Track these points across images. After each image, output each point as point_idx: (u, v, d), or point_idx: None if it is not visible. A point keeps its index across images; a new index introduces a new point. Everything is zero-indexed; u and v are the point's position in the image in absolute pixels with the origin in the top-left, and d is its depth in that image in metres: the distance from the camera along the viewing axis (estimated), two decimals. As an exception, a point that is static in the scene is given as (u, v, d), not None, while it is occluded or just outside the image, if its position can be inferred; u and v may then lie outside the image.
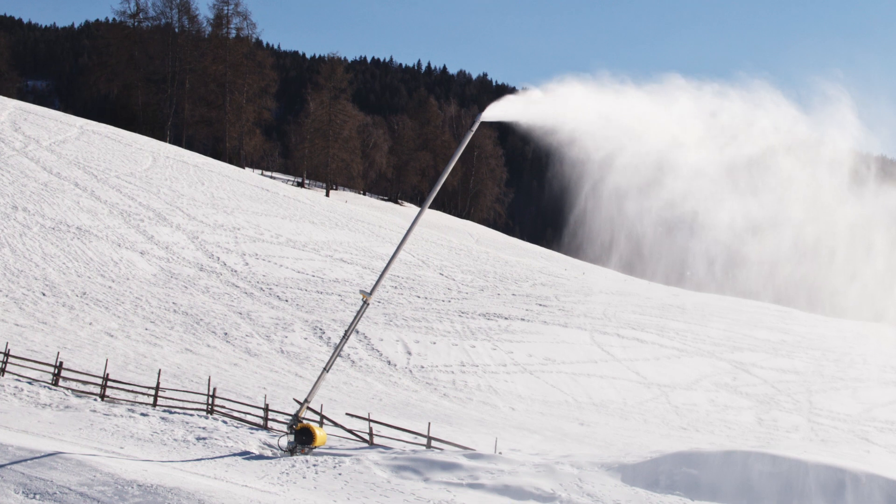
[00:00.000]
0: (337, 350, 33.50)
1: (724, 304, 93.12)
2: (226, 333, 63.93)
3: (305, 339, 65.35)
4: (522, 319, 74.76)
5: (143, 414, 38.44)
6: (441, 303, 77.94)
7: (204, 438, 36.14)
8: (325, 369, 34.20)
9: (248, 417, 39.43)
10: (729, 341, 77.14)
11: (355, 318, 31.67)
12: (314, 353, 62.65)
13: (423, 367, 63.25)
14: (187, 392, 41.12)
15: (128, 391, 41.17)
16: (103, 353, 54.27)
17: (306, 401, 33.98)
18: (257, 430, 38.03)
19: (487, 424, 51.89)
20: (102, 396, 40.73)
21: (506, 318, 74.56)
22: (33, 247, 74.98)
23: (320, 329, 66.88)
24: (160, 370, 42.42)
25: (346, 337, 32.55)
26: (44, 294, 66.38)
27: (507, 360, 66.23)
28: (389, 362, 63.20)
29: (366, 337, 66.53)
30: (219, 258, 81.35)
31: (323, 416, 37.81)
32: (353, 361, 62.27)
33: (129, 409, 38.84)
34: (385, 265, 23.40)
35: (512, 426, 52.41)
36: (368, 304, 32.08)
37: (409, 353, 64.99)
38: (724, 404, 65.19)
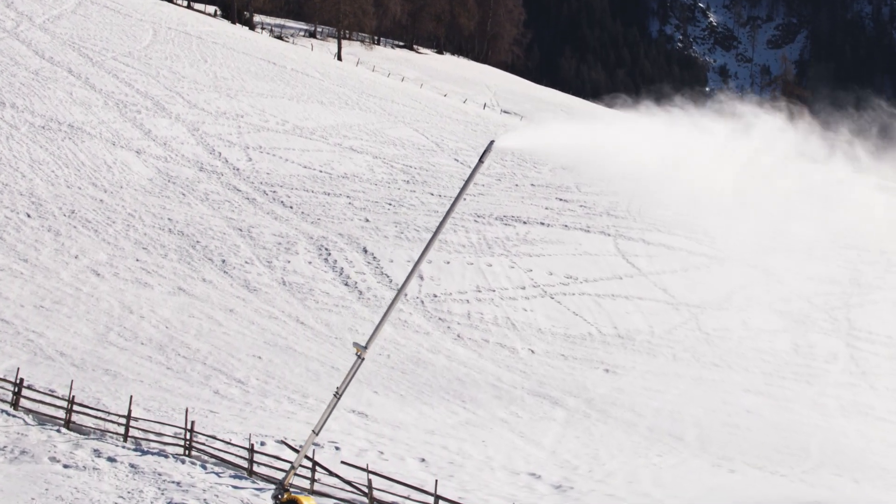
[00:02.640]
0: (329, 410, 26.17)
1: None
2: (223, 261, 56.82)
3: (310, 263, 58.22)
4: (542, 223, 67.27)
5: (110, 459, 31.65)
6: (455, 202, 70.13)
7: None
8: (315, 432, 26.91)
9: (232, 458, 32.51)
10: (761, 240, 69.43)
11: (348, 374, 24.22)
12: (318, 285, 55.63)
13: (436, 296, 56.23)
14: (163, 424, 34.12)
15: (97, 417, 34.24)
16: (84, 311, 47.34)
17: (292, 467, 26.80)
18: (241, 478, 31.20)
19: (503, 391, 45.09)
20: (68, 424, 33.93)
21: (524, 223, 67.07)
22: (20, 152, 67.38)
23: (326, 250, 59.68)
24: (131, 397, 35.29)
25: (339, 395, 25.10)
26: (28, 216, 59.21)
27: (525, 280, 59.07)
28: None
29: (375, 258, 59.36)
30: (220, 154, 73.62)
31: (316, 464, 30.93)
32: (361, 292, 55.29)
33: (95, 452, 32.00)
34: (385, 311, 17.56)
35: (530, 391, 45.59)
36: (364, 360, 24.52)
37: (421, 278, 57.87)
38: (758, 327, 58.17)
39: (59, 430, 33.57)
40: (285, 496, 28.73)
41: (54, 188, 63.80)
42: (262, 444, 34.53)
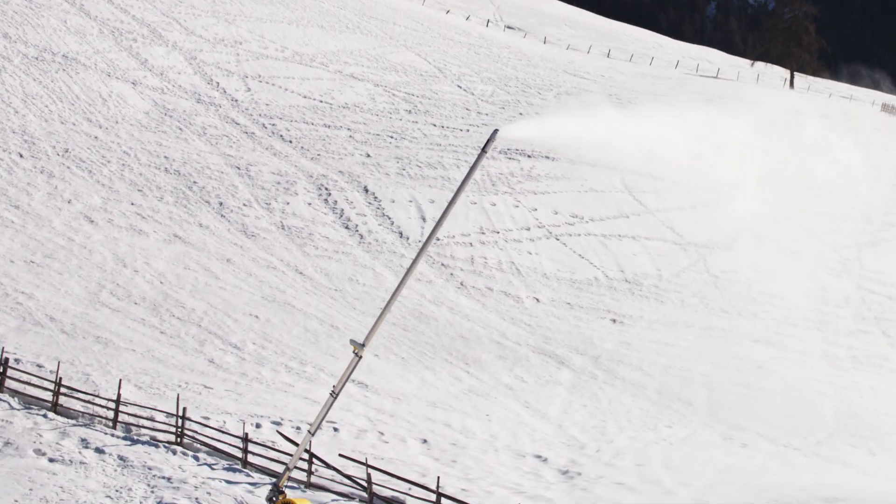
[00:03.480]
0: (325, 410, 24.17)
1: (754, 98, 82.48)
2: (221, 203, 54.55)
3: (309, 204, 55.94)
4: (546, 157, 64.75)
5: (98, 450, 29.74)
6: (459, 133, 67.77)
7: None
8: (311, 432, 25.00)
9: (225, 447, 30.60)
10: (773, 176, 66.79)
11: (346, 373, 22.19)
12: (318, 228, 53.42)
13: (438, 238, 53.95)
14: (154, 410, 32.12)
15: (84, 401, 32.26)
16: (76, 267, 45.21)
17: (287, 469, 24.91)
18: (235, 470, 29.34)
19: (507, 350, 43.12)
20: (55, 407, 31.98)
21: (528, 156, 64.57)
22: (13, 86, 64.67)
23: (326, 189, 57.35)
24: (120, 381, 33.22)
25: (336, 395, 23.08)
26: (21, 156, 56.77)
27: (530, 221, 56.84)
28: (402, 234, 54.00)
29: (376, 199, 57.07)
30: (218, 84, 70.84)
31: (313, 455, 29.05)
32: (362, 236, 53.12)
33: (82, 442, 30.09)
34: (383, 308, 15.94)
35: (535, 348, 43.62)
36: (361, 358, 22.44)
37: (424, 220, 55.68)
38: (767, 269, 56.08)
39: (45, 416, 31.65)
40: (280, 498, 26.98)
41: (48, 125, 61.26)
42: (258, 426, 32.69)
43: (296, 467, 29.35)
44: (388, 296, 47.04)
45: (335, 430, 32.85)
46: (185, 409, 30.99)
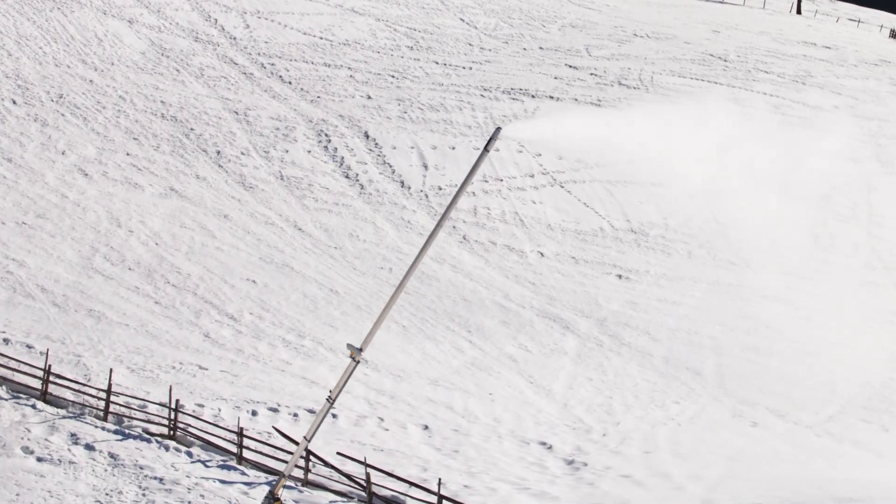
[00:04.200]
0: (322, 416, 22.67)
1: (765, 46, 79.80)
2: (218, 152, 52.52)
3: (309, 152, 53.88)
4: (551, 97, 62.43)
5: (88, 447, 28.20)
6: (461, 72, 65.32)
7: (156, 506, 26.00)
8: (307, 438, 23.51)
9: (219, 441, 29.06)
10: (777, 112, 64.69)
11: (343, 379, 20.67)
12: (318, 178, 51.47)
13: (440, 188, 52.12)
14: (147, 402, 30.48)
15: (74, 390, 30.64)
16: (70, 228, 43.43)
17: (282, 476, 23.45)
18: (230, 468, 27.83)
19: (511, 314, 41.46)
20: (44, 396, 30.38)
21: (532, 96, 62.24)
22: (7, 26, 62.25)
23: (325, 136, 55.22)
24: (111, 370, 31.46)
25: (332, 401, 21.59)
26: (14, 102, 54.64)
27: (534, 167, 54.79)
28: (403, 183, 52.03)
29: (377, 146, 54.96)
30: (216, 21, 68.30)
31: (310, 453, 27.53)
32: (363, 186, 51.19)
33: (72, 437, 28.54)
34: (382, 312, 14.81)
35: (539, 311, 41.94)
36: (359, 363, 20.90)
37: (426, 167, 53.66)
38: (775, 216, 53.92)
39: (34, 406, 30.05)
40: (275, 504, 25.54)
41: (42, 68, 58.95)
42: (254, 413, 31.15)
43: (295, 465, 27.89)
44: (388, 253, 45.35)
45: (334, 416, 31.30)
46: (177, 400, 29.40)
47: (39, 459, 27.63)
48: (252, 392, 32.19)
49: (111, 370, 30.58)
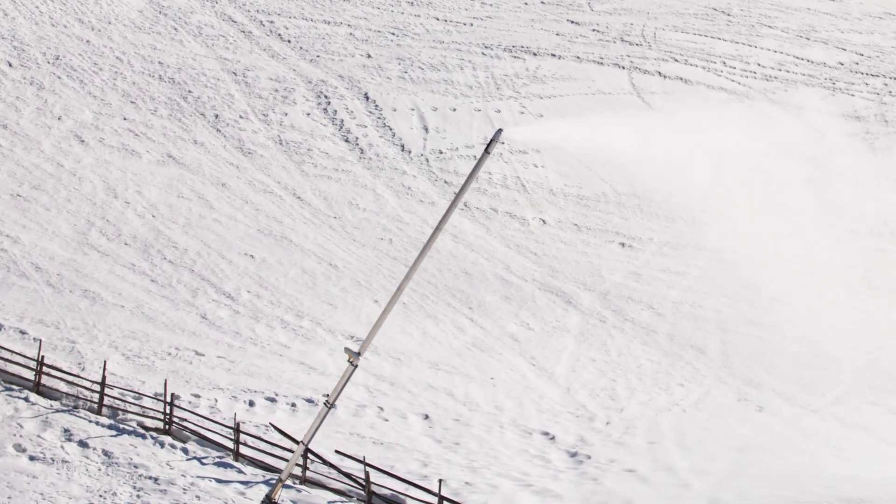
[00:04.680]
0: (320, 421, 21.79)
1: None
2: (216, 116, 51.01)
3: (308, 115, 52.37)
4: (553, 55, 60.65)
5: (81, 444, 27.21)
6: (462, 28, 63.46)
7: (149, 510, 25.01)
8: (304, 443, 22.63)
9: (216, 437, 28.02)
10: (781, 69, 62.92)
11: (340, 383, 19.83)
12: (317, 143, 50.03)
13: (441, 152, 50.66)
14: (141, 395, 29.38)
15: (68, 382, 29.52)
16: (65, 200, 42.15)
17: (279, 481, 22.66)
18: (226, 466, 26.82)
19: (513, 288, 40.29)
20: (37, 388, 29.29)
21: (534, 54, 60.48)
22: (2, -15, 60.27)
23: (325, 97, 53.63)
24: (105, 362, 30.13)
25: (330, 405, 20.84)
26: (10, 65, 53.02)
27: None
28: (403, 147, 50.57)
29: (377, 107, 53.40)
30: (214, -24, 66.15)
31: (308, 450, 26.47)
32: (363, 151, 49.75)
33: (65, 433, 27.51)
34: (379, 317, 14.28)
35: (542, 284, 40.75)
36: (357, 367, 20.05)
37: (426, 130, 52.15)
38: (780, 177, 52.52)
39: (27, 399, 28.98)
40: (272, 512, 24.53)
41: (38, 28, 57.22)
42: (251, 404, 30.09)
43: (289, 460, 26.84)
44: (388, 222, 44.11)
45: (333, 407, 30.07)
46: (173, 394, 28.29)
47: (32, 458, 26.65)
48: (249, 380, 31.08)
49: (105, 361, 29.31)
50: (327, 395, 23.11)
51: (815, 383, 34.61)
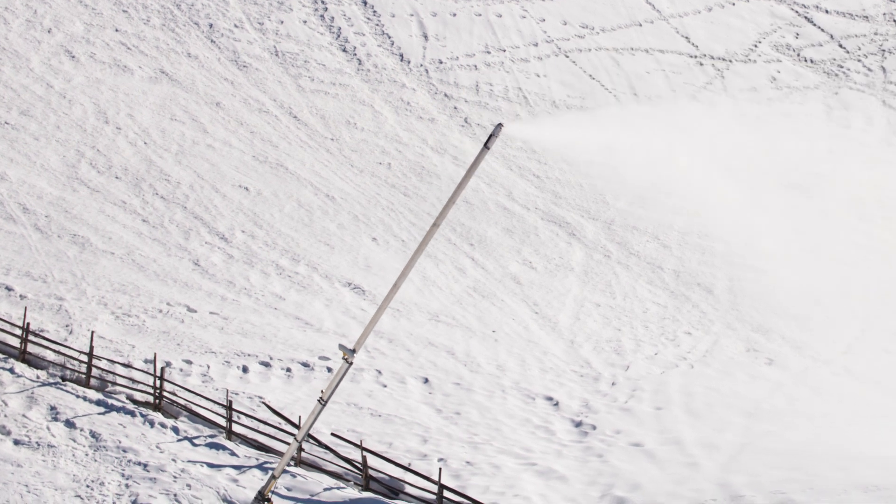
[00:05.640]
0: (313, 419, 19.73)
1: None
2: (211, 25, 47.66)
3: (304, 22, 48.95)
4: (555, -49, 56.36)
5: (68, 424, 25.02)
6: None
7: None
8: (298, 440, 20.66)
9: (207, 413, 25.82)
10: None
11: (335, 380, 17.73)
12: (314, 54, 46.79)
13: (441, 62, 47.44)
14: (131, 368, 26.98)
15: (55, 351, 27.16)
16: (54, 127, 39.24)
17: (272, 477, 20.74)
18: (219, 448, 24.67)
19: (515, 219, 37.69)
20: (23, 354, 27.00)
21: (536, -50, 56.18)
22: None
23: (322, 2, 50.00)
24: (93, 332, 27.47)
25: (325, 402, 18.74)
26: (-2, -29, 49.15)
27: (538, 34, 49.82)
28: (402, 56, 47.31)
29: (375, 13, 49.90)
30: None
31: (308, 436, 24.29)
32: (361, 61, 46.55)
33: (52, 411, 25.29)
34: (375, 314, 12.60)
35: (544, 213, 38.05)
36: (351, 364, 17.95)
37: (426, 38, 48.74)
38: (788, 84, 49.44)
39: (12, 371, 26.69)
40: (266, 505, 22.46)
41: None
42: (245, 370, 27.80)
43: (285, 441, 24.75)
44: (385, 144, 41.18)
45: (328, 370, 27.90)
46: (163, 368, 25.98)
47: (17, 442, 24.53)
48: (243, 342, 28.74)
49: (92, 332, 26.87)
50: (322, 392, 20.87)
51: (826, 330, 32.19)
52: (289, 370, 27.72)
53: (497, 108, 44.78)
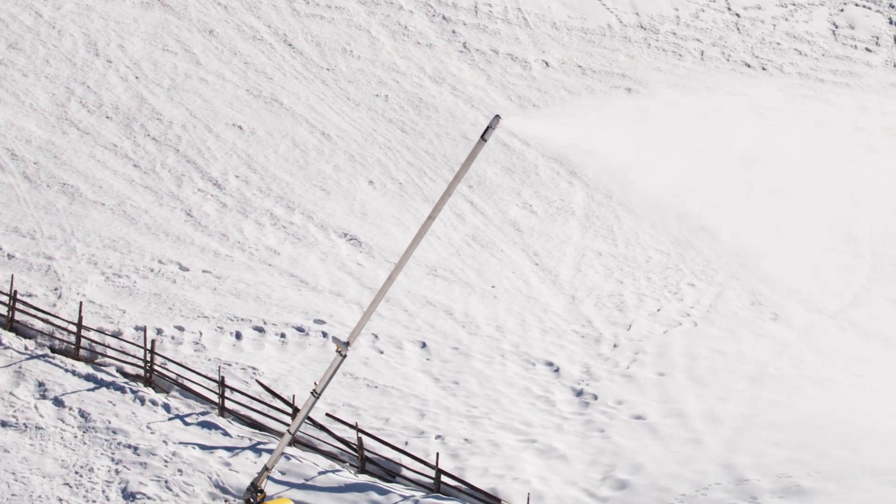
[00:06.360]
0: (307, 411, 18.40)
1: None
2: (203, -57, 44.52)
3: (299, -62, 45.73)
4: None
5: (56, 402, 23.60)
6: None
7: (135, 493, 21.53)
8: (291, 433, 19.34)
9: (200, 390, 24.32)
10: None
11: (328, 373, 16.42)
12: (309, -26, 43.82)
13: (439, -19, 44.53)
14: (121, 339, 25.29)
15: (43, 320, 25.51)
16: (44, 60, 36.99)
17: (265, 469, 19.48)
18: (211, 427, 23.23)
19: (515, 156, 35.68)
20: (11, 324, 25.43)
21: None
22: None
23: (316, -83, 46.70)
24: (81, 304, 25.53)
25: (317, 395, 17.50)
26: None
27: (539, -51, 46.72)
28: (400, -26, 44.43)
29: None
30: None
31: (297, 410, 22.93)
32: (357, -19, 43.70)
33: (39, 388, 23.82)
34: (369, 306, 11.74)
35: (544, 151, 35.95)
36: (345, 357, 16.61)
37: (423, -46, 45.67)
38: (793, 2, 46.67)
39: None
40: (259, 498, 21.16)
41: None
42: (238, 336, 26.22)
43: (279, 420, 23.36)
44: (382, 73, 38.84)
45: (323, 335, 26.29)
46: (153, 341, 24.40)
47: (4, 424, 23.09)
48: (236, 304, 27.07)
49: (81, 303, 25.14)
50: (315, 383, 19.32)
51: (832, 279, 30.43)
52: (283, 336, 26.12)
53: (496, 31, 42.25)
